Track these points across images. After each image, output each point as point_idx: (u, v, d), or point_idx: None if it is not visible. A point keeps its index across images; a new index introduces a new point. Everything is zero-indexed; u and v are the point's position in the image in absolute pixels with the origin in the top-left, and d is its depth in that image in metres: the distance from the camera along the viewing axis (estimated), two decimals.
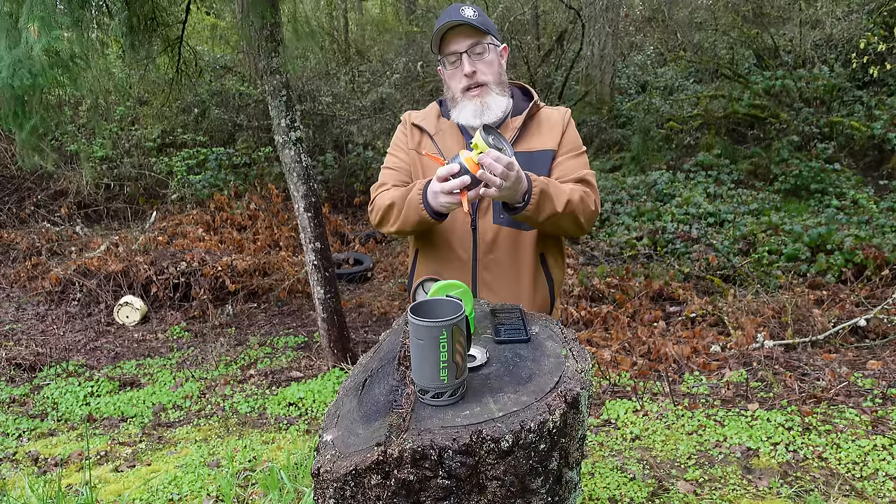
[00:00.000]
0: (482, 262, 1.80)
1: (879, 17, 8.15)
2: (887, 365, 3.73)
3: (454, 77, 1.77)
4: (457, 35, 1.72)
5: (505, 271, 1.79)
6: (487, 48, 1.74)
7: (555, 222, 1.65)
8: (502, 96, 1.78)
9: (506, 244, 1.79)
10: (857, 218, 6.12)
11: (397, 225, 1.75)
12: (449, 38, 1.73)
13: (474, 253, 1.80)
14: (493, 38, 1.76)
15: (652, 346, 4.23)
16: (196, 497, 2.68)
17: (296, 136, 4.24)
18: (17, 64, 2.92)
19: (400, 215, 1.73)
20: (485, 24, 1.72)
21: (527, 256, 1.79)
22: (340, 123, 9.12)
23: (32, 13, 2.92)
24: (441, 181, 1.53)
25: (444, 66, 1.79)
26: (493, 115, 1.75)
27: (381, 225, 1.83)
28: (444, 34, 1.73)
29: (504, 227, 1.78)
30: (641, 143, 8.31)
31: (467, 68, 1.71)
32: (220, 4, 7.36)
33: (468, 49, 1.72)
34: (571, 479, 1.15)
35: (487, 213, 1.79)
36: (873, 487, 2.60)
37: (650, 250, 6.08)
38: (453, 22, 1.70)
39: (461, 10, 1.72)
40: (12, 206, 7.98)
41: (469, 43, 1.72)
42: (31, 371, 4.65)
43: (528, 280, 1.80)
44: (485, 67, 1.74)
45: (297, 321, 5.68)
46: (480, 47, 1.72)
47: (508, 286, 1.78)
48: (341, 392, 1.25)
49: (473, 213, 1.79)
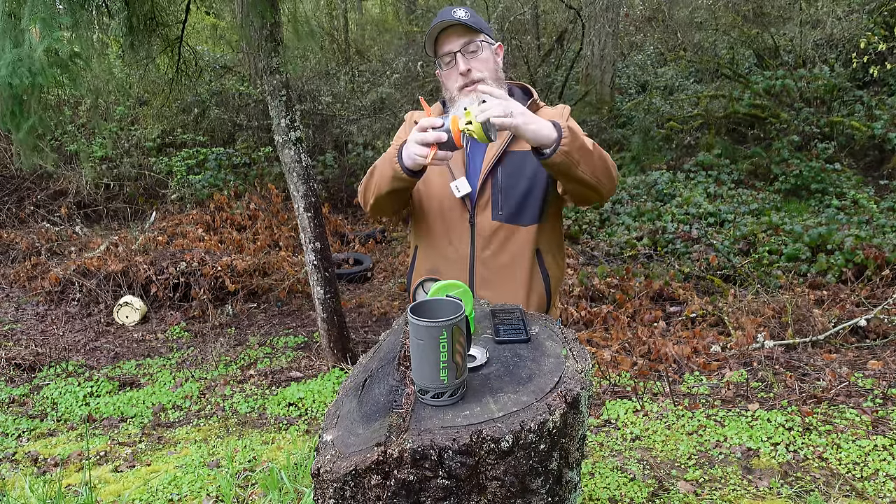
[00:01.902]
0: (479, 257, 1.80)
1: (880, 16, 8.14)
2: (888, 365, 3.72)
3: (450, 77, 1.78)
4: (449, 35, 1.74)
5: (502, 267, 1.79)
6: (481, 46, 1.75)
7: (591, 166, 1.57)
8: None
9: (503, 240, 1.79)
10: (858, 218, 6.12)
11: (375, 190, 1.74)
12: (442, 39, 1.75)
13: (472, 249, 1.80)
14: (487, 37, 1.77)
15: (652, 346, 4.23)
16: (196, 497, 2.68)
17: (296, 135, 4.23)
18: (17, 63, 2.92)
19: (377, 177, 1.73)
20: (477, 24, 1.74)
21: (524, 253, 1.80)
22: (340, 123, 9.12)
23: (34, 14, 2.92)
24: (420, 131, 1.52)
25: (441, 67, 1.80)
26: None
27: (365, 195, 1.82)
28: (437, 37, 1.75)
29: (503, 224, 1.78)
30: (641, 143, 8.31)
31: (462, 66, 1.73)
32: (220, 4, 7.36)
33: (461, 48, 1.73)
34: (571, 480, 1.15)
35: (486, 208, 1.79)
36: (874, 488, 2.60)
37: (650, 250, 6.08)
38: (445, 23, 1.72)
39: (452, 12, 1.74)
40: (12, 206, 7.98)
41: (462, 42, 1.73)
42: (31, 371, 4.65)
43: (524, 277, 1.80)
44: (479, 65, 1.75)
45: (297, 321, 5.68)
46: (474, 45, 1.74)
47: (504, 282, 1.79)
48: (341, 392, 1.25)
49: (472, 208, 1.80)
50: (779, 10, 10.04)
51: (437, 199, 1.85)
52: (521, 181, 1.79)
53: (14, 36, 2.98)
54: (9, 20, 3.02)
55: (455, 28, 1.73)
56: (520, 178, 1.79)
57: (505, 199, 1.79)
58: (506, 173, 1.79)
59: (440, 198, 1.84)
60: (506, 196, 1.79)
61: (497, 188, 1.79)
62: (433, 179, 1.84)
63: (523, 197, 1.79)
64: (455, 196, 1.80)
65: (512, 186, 1.79)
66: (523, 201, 1.79)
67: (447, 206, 1.83)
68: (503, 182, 1.79)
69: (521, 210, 1.79)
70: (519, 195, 1.79)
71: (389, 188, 1.70)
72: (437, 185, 1.84)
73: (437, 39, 1.76)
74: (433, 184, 1.85)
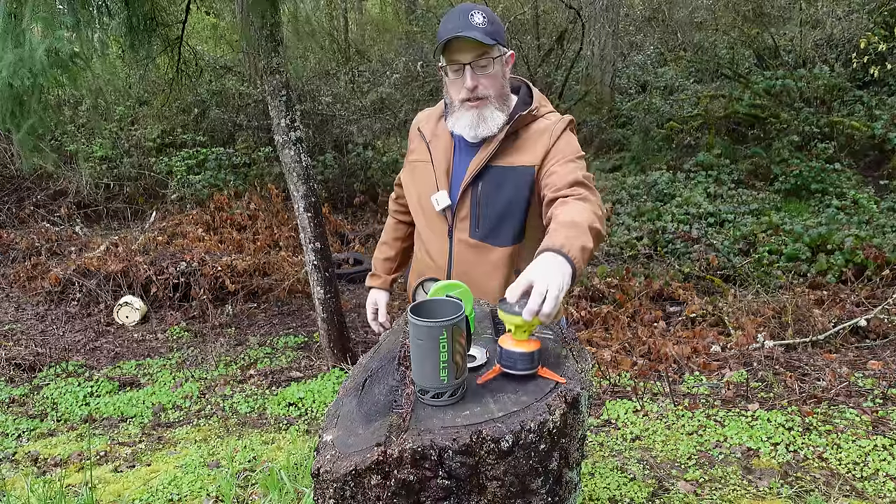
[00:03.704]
0: (455, 272, 1.78)
1: (880, 16, 8.14)
2: (888, 365, 3.72)
3: (454, 85, 1.71)
4: (462, 44, 1.63)
5: (478, 283, 1.71)
6: (492, 62, 1.67)
7: (594, 249, 1.46)
8: (500, 111, 1.71)
9: (480, 258, 1.75)
10: (858, 218, 6.12)
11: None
12: (455, 44, 1.64)
13: (449, 262, 1.79)
14: (501, 47, 1.68)
15: (652, 346, 4.23)
16: (196, 497, 2.68)
17: (296, 136, 4.23)
18: (18, 63, 2.92)
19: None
20: (493, 34, 1.63)
21: (501, 271, 1.75)
22: (340, 123, 9.12)
23: (35, 14, 2.92)
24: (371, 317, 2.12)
25: (447, 72, 1.72)
26: (488, 130, 1.70)
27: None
28: (449, 39, 1.64)
29: (479, 242, 1.74)
30: (641, 143, 8.31)
31: (469, 82, 1.65)
32: (220, 4, 7.37)
33: (472, 62, 1.65)
34: (571, 480, 1.15)
35: (465, 223, 1.76)
36: (874, 488, 2.60)
37: (650, 250, 6.08)
38: (460, 34, 1.61)
39: (470, 18, 1.62)
40: (12, 206, 7.97)
41: (473, 55, 1.64)
42: (31, 371, 4.64)
43: (499, 294, 1.73)
44: (487, 82, 1.67)
45: (297, 321, 5.68)
46: (485, 60, 1.65)
47: (482, 298, 1.72)
48: (341, 392, 1.25)
49: (451, 221, 1.77)
50: (779, 10, 10.05)
51: (423, 210, 1.83)
52: (500, 200, 1.72)
53: (15, 36, 2.98)
54: (10, 20, 3.02)
55: (470, 38, 1.62)
56: (499, 195, 1.72)
57: (483, 216, 1.73)
58: (485, 189, 1.73)
59: (424, 208, 1.82)
60: (483, 213, 1.73)
61: (475, 202, 1.73)
62: (422, 189, 1.81)
63: (500, 218, 1.73)
64: (436, 209, 1.77)
65: (490, 204, 1.73)
66: (500, 222, 1.73)
67: (429, 218, 1.81)
68: (482, 198, 1.73)
69: (498, 231, 1.73)
70: (496, 215, 1.73)
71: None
72: (423, 195, 1.81)
73: (450, 42, 1.65)
74: (422, 194, 1.82)
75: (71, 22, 3.23)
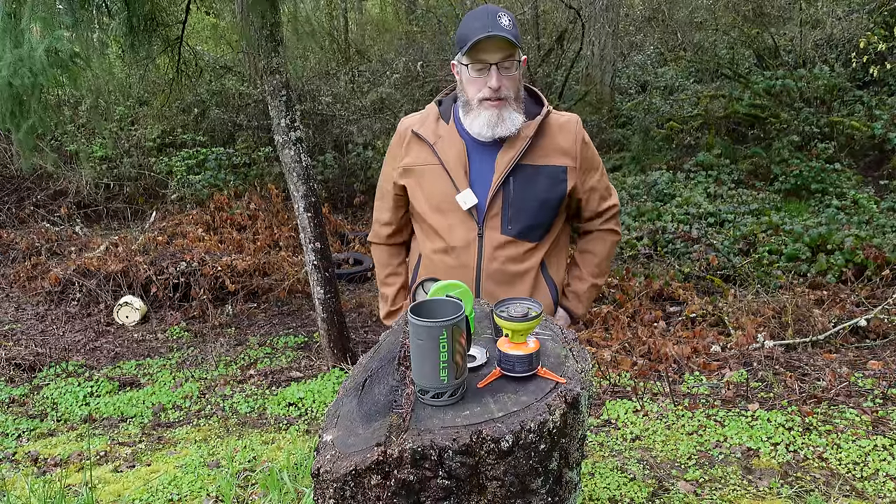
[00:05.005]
0: (486, 269, 1.78)
1: (880, 16, 8.14)
2: (888, 365, 3.72)
3: (474, 84, 1.71)
4: (491, 44, 1.64)
5: (508, 280, 1.78)
6: (515, 64, 1.69)
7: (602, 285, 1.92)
8: (518, 112, 1.74)
9: (511, 255, 1.77)
10: (858, 218, 6.12)
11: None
12: (483, 44, 1.65)
13: (479, 261, 1.78)
14: (520, 51, 1.71)
15: (652, 346, 4.23)
16: (196, 497, 2.68)
17: (296, 136, 4.23)
18: (18, 63, 2.92)
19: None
20: (517, 37, 1.66)
21: (531, 267, 1.80)
22: (340, 123, 9.11)
23: (35, 13, 2.92)
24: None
25: (468, 70, 1.71)
26: (506, 130, 1.72)
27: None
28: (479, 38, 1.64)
29: (512, 239, 1.77)
30: (641, 142, 8.31)
31: (494, 83, 1.66)
32: (220, 4, 7.36)
33: (499, 62, 1.66)
34: (571, 480, 1.15)
35: (496, 221, 1.76)
36: (874, 488, 2.60)
37: (650, 250, 6.08)
38: (491, 34, 1.62)
39: (498, 19, 1.63)
40: (12, 206, 7.97)
41: (501, 56, 1.66)
42: (31, 371, 4.64)
43: (530, 290, 1.80)
44: (509, 83, 1.70)
45: (297, 321, 5.68)
46: (510, 62, 1.67)
47: (510, 295, 1.76)
48: (341, 392, 1.25)
49: (481, 220, 1.77)
50: (779, 10, 10.04)
51: (441, 211, 1.80)
52: (533, 198, 1.75)
53: (15, 36, 2.98)
54: (9, 20, 3.02)
55: (499, 38, 1.63)
56: (532, 194, 1.75)
57: (515, 215, 1.75)
58: (518, 187, 1.75)
59: (444, 210, 1.80)
60: (516, 211, 1.75)
61: (508, 202, 1.75)
62: (437, 190, 1.79)
63: (534, 215, 1.76)
64: (462, 208, 1.76)
65: (523, 201, 1.75)
66: (534, 220, 1.76)
67: (452, 218, 1.79)
68: (514, 196, 1.75)
69: (532, 227, 1.77)
70: (530, 213, 1.75)
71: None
72: (439, 197, 1.80)
73: (478, 42, 1.64)
74: (435, 195, 1.80)
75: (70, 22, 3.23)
